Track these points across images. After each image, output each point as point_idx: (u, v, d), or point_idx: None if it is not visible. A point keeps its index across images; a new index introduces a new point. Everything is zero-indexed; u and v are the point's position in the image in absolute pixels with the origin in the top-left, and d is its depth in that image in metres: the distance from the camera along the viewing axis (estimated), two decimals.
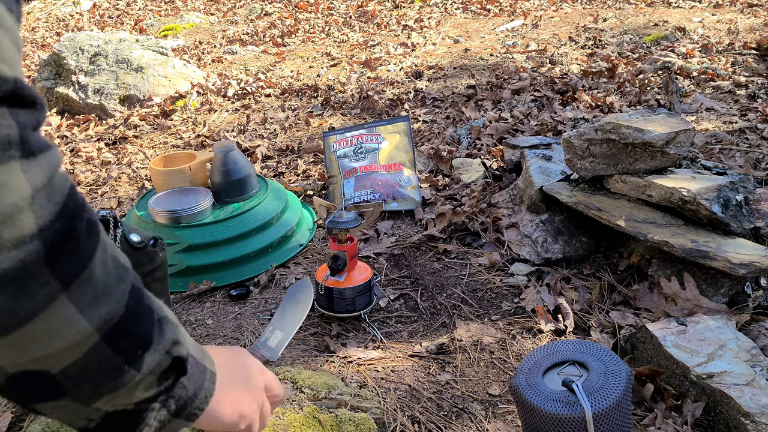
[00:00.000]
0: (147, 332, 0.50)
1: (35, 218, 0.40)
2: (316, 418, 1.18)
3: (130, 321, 0.48)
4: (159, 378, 0.52)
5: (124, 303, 0.47)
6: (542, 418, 1.01)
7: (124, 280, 0.48)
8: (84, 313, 0.44)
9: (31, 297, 0.40)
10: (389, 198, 2.31)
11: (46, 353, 0.43)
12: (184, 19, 7.10)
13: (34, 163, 0.41)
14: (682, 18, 5.09)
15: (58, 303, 0.42)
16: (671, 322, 1.43)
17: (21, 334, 0.41)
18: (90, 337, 0.45)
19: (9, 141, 0.39)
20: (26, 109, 0.41)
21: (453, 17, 6.24)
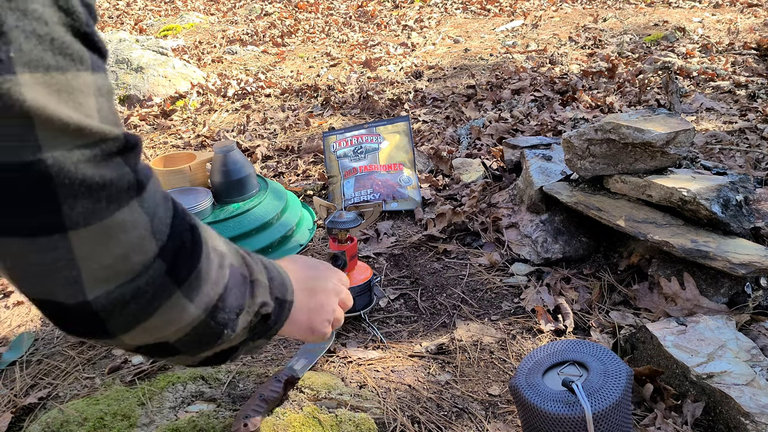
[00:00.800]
0: (241, 302, 0.62)
1: (155, 241, 0.51)
2: (316, 418, 1.18)
3: (228, 296, 0.60)
4: (250, 329, 0.66)
5: (223, 285, 0.59)
6: (542, 418, 1.01)
7: (223, 265, 0.60)
8: (194, 301, 0.55)
9: (156, 300, 0.52)
10: (389, 198, 2.31)
11: (166, 334, 0.56)
12: (184, 19, 7.10)
13: (146, 195, 0.51)
14: (682, 18, 5.09)
15: (174, 299, 0.53)
16: (671, 322, 1.43)
17: (146, 326, 0.53)
18: (198, 317, 0.57)
19: (129, 185, 0.49)
20: (132, 152, 0.50)
21: (453, 17, 6.24)
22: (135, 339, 0.54)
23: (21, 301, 1.88)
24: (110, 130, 0.47)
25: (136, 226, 0.49)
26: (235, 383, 1.33)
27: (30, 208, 0.44)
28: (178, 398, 1.26)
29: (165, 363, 0.66)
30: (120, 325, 0.52)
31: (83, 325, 0.51)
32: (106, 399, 1.26)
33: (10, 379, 1.50)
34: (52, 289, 0.48)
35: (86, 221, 0.46)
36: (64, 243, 0.45)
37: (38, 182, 0.43)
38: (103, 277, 0.48)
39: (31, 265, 0.46)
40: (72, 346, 1.61)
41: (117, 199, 0.47)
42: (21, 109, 0.41)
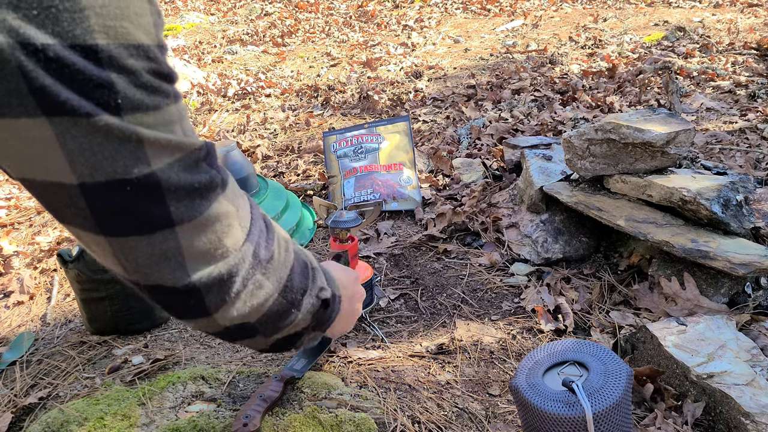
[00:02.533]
0: (305, 284, 0.73)
1: (242, 228, 0.63)
2: (316, 418, 1.18)
3: (294, 277, 0.71)
4: (312, 314, 0.76)
5: (290, 266, 0.70)
6: (542, 418, 1.01)
7: (289, 249, 0.72)
8: (270, 279, 0.66)
9: (246, 278, 0.63)
10: (389, 198, 2.31)
11: (249, 313, 0.66)
12: (184, 19, 7.10)
13: (228, 189, 0.62)
14: (682, 18, 5.09)
15: (257, 277, 0.65)
16: (671, 322, 1.43)
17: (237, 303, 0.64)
18: (273, 295, 0.67)
19: (216, 184, 0.60)
20: (212, 157, 0.60)
21: (453, 17, 6.24)
22: (227, 317, 0.64)
23: (21, 301, 1.88)
24: (196, 142, 0.58)
25: (226, 216, 0.60)
26: (235, 383, 1.33)
27: (146, 210, 0.55)
28: (178, 398, 1.26)
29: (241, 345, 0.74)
30: (217, 302, 0.62)
31: (187, 304, 0.61)
32: (106, 399, 1.26)
33: (10, 379, 1.50)
34: (162, 275, 0.58)
35: (189, 216, 0.57)
36: (173, 235, 0.56)
37: (151, 189, 0.54)
38: (204, 260, 0.59)
39: (146, 257, 0.57)
40: (72, 346, 1.61)
41: (209, 197, 0.58)
42: (135, 137, 0.52)
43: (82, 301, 1.61)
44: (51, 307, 1.85)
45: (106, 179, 0.52)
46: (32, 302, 1.89)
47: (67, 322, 1.76)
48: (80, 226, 0.55)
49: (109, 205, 0.53)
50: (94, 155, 0.50)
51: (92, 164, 0.51)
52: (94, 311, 1.61)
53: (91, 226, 0.55)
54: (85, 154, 0.50)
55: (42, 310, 1.83)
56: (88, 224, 0.55)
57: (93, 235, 0.56)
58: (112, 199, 0.53)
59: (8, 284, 1.97)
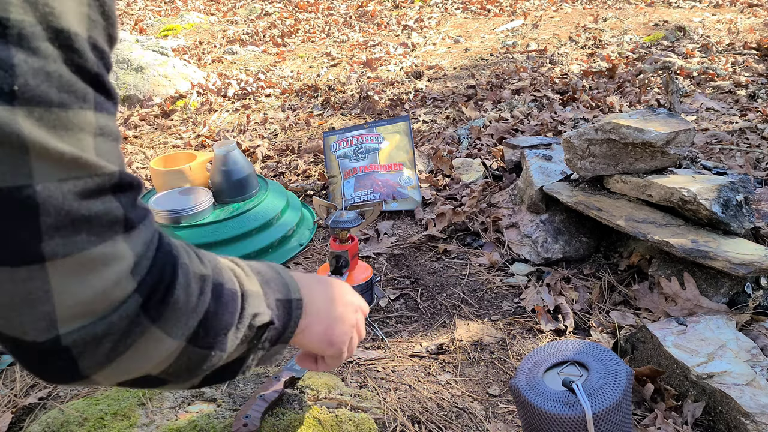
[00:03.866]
0: (227, 321, 0.59)
1: (134, 279, 0.50)
2: (316, 418, 1.18)
3: (210, 320, 0.57)
4: (247, 343, 0.63)
5: (204, 310, 0.56)
6: (542, 418, 1.01)
7: (204, 291, 0.57)
8: (171, 334, 0.53)
9: (130, 336, 0.50)
10: (389, 198, 2.31)
11: (146, 368, 0.54)
12: (184, 19, 7.10)
13: (134, 233, 0.50)
14: (682, 18, 5.09)
15: (149, 334, 0.51)
16: (671, 322, 1.43)
17: (121, 363, 0.51)
18: (178, 348, 0.54)
19: (116, 221, 0.48)
20: (127, 192, 0.50)
21: (453, 17, 6.24)
22: (111, 377, 0.52)
23: None
24: (105, 165, 0.47)
25: (117, 261, 0.48)
26: (235, 383, 1.33)
27: (11, 236, 0.43)
28: (178, 398, 1.26)
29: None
30: (93, 364, 0.50)
31: (54, 364, 0.49)
32: (106, 399, 1.26)
33: (10, 379, 1.50)
34: (23, 325, 0.46)
35: (65, 252, 0.45)
36: (42, 274, 0.45)
37: (23, 209, 0.43)
38: (78, 313, 0.47)
39: (7, 297, 0.45)
40: None
41: (99, 233, 0.47)
42: (18, 139, 0.42)
43: None
44: None
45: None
46: None
47: None
48: None
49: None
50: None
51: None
52: None
53: None
54: None
55: None
56: None
57: None
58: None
59: None
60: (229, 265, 0.64)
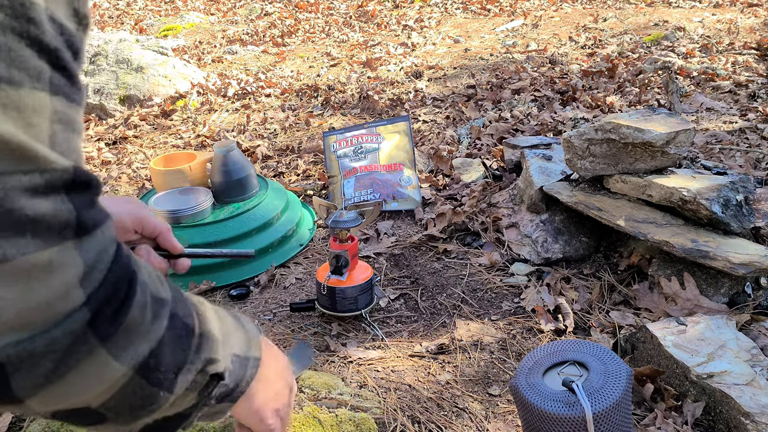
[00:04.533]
0: (180, 359, 0.53)
1: (83, 290, 0.44)
2: (316, 418, 1.18)
3: (164, 352, 0.51)
4: (198, 392, 0.57)
5: (158, 338, 0.50)
6: (542, 418, 1.01)
7: (159, 316, 0.51)
8: (119, 358, 0.47)
9: (73, 355, 0.44)
10: (389, 198, 2.31)
11: (86, 397, 0.48)
12: (184, 19, 7.10)
13: (87, 239, 0.44)
14: (682, 18, 5.09)
15: (95, 355, 0.45)
16: (671, 322, 1.43)
17: (60, 386, 0.45)
18: (124, 376, 0.48)
19: (66, 224, 0.42)
20: (82, 192, 0.44)
21: (453, 17, 6.24)
22: (47, 403, 0.46)
23: None
24: (57, 159, 0.42)
25: (63, 270, 0.42)
26: None
27: None
28: None
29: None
30: (29, 385, 0.44)
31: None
32: None
33: None
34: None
35: (3, 256, 0.39)
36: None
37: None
38: (15, 325, 0.41)
39: None
40: None
41: (46, 237, 0.41)
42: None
43: None
44: None
45: None
46: None
47: None
48: None
49: None
50: None
51: None
52: None
53: None
54: None
55: None
56: None
57: None
58: None
59: None
60: (193, 300, 0.58)
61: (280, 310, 1.77)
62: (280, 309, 1.77)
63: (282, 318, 1.72)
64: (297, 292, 1.87)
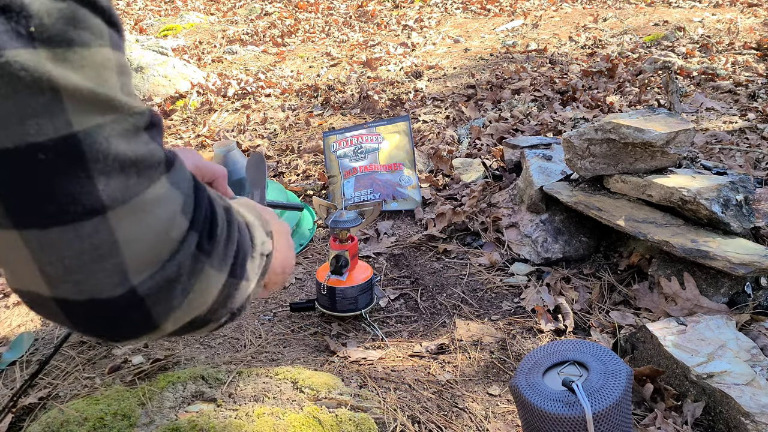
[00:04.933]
0: (245, 250, 0.60)
1: (185, 217, 0.50)
2: (316, 418, 1.18)
3: (240, 251, 0.59)
4: (260, 274, 0.65)
5: (236, 242, 0.57)
6: (542, 418, 1.01)
7: (231, 222, 0.58)
8: (219, 267, 0.54)
9: (194, 275, 0.51)
10: (389, 198, 2.31)
11: (201, 309, 0.54)
12: (184, 19, 7.10)
13: (174, 172, 0.50)
14: (682, 18, 5.09)
15: (205, 271, 0.52)
16: (671, 322, 1.43)
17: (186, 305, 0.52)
18: (222, 281, 0.55)
19: (159, 160, 0.48)
20: (158, 130, 0.50)
21: (453, 17, 6.24)
22: (176, 322, 0.53)
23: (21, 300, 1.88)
24: (135, 104, 0.46)
25: (169, 201, 0.48)
26: (235, 383, 1.33)
27: (67, 189, 0.42)
28: (178, 398, 1.26)
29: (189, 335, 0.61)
30: (166, 310, 0.50)
31: (128, 319, 0.49)
32: (106, 399, 1.26)
33: (10, 379, 1.50)
34: (97, 282, 0.45)
35: (123, 198, 0.44)
36: (105, 225, 0.44)
37: (71, 160, 0.42)
38: (146, 260, 0.47)
39: (75, 256, 0.44)
40: (72, 345, 1.61)
41: (148, 175, 0.46)
42: (48, 83, 0.40)
43: None
44: None
45: (15, 144, 0.40)
46: None
47: None
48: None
49: (20, 180, 0.41)
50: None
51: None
52: None
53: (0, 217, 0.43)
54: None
55: None
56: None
57: (4, 232, 0.43)
58: (24, 172, 0.41)
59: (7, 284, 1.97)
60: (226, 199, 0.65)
61: (280, 310, 1.77)
62: (280, 309, 1.77)
63: (282, 318, 1.72)
64: (297, 292, 1.87)
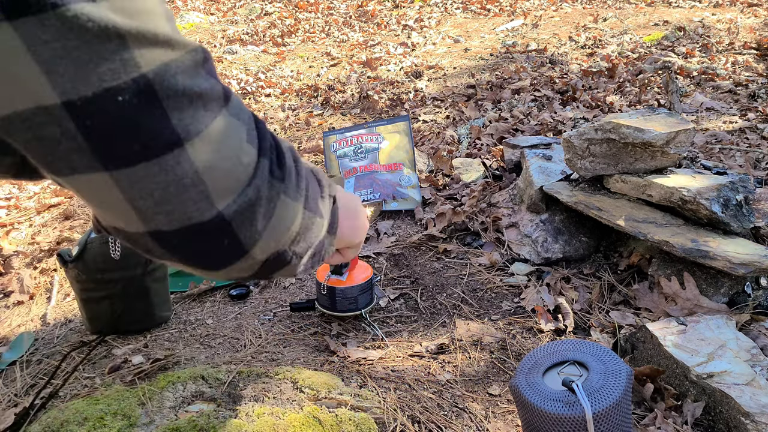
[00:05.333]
0: (315, 188, 0.63)
1: (252, 145, 0.53)
2: (316, 418, 1.18)
3: (310, 184, 0.61)
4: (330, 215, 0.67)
5: (304, 173, 0.60)
6: (542, 418, 1.01)
7: (297, 158, 0.60)
8: (293, 196, 0.57)
9: (272, 199, 0.54)
10: (389, 198, 2.31)
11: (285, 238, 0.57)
12: (184, 19, 7.10)
13: (231, 104, 0.52)
14: (682, 18, 5.09)
15: (282, 196, 0.55)
16: (671, 321, 1.43)
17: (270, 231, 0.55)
18: (299, 211, 0.58)
19: (219, 93, 0.51)
20: (212, 65, 0.52)
21: (453, 17, 6.24)
22: (264, 249, 0.55)
23: (21, 301, 1.88)
24: (189, 42, 0.49)
25: (234, 130, 0.51)
26: (235, 383, 1.33)
27: (147, 126, 0.45)
28: (178, 398, 1.26)
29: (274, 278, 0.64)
30: (252, 234, 0.53)
31: (221, 245, 0.52)
32: (106, 399, 1.26)
33: (10, 379, 1.50)
34: (186, 210, 0.49)
35: (196, 130, 0.48)
36: (185, 156, 0.47)
37: (146, 98, 0.45)
38: (226, 186, 0.50)
39: (163, 189, 0.48)
40: (72, 345, 1.61)
41: (212, 108, 0.49)
42: (114, 30, 0.43)
43: (82, 301, 1.61)
44: (51, 307, 1.85)
45: (93, 91, 0.43)
46: (32, 302, 1.89)
47: (67, 322, 1.76)
48: (77, 167, 0.46)
49: (103, 124, 0.44)
50: (73, 62, 0.42)
51: (73, 74, 0.43)
52: (94, 311, 1.61)
53: (89, 161, 0.46)
54: (63, 63, 0.42)
55: (42, 310, 1.83)
56: (85, 160, 0.45)
57: (95, 176, 0.47)
58: (105, 116, 0.44)
59: (8, 284, 1.97)
60: None
61: (280, 310, 1.77)
62: (280, 309, 1.77)
63: (282, 318, 1.73)
64: (297, 292, 1.87)
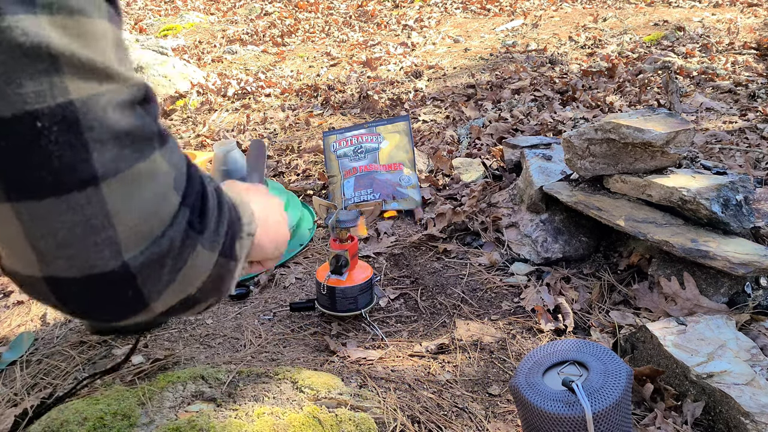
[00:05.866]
0: (235, 229, 0.60)
1: (177, 193, 0.49)
2: (316, 418, 1.18)
3: (230, 230, 0.58)
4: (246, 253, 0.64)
5: (226, 222, 0.57)
6: (542, 418, 1.01)
7: (221, 201, 0.57)
8: (210, 246, 0.54)
9: (185, 251, 0.50)
10: (389, 198, 2.31)
11: (192, 287, 0.54)
12: (184, 19, 7.10)
13: (167, 147, 0.49)
14: (682, 18, 5.09)
15: (198, 248, 0.52)
16: (671, 321, 1.43)
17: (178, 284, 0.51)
18: (212, 261, 0.55)
19: (153, 134, 0.47)
20: (153, 105, 0.49)
21: (453, 17, 6.24)
22: (166, 301, 0.52)
23: (21, 300, 1.88)
24: (131, 76, 0.46)
25: (161, 175, 0.48)
26: (235, 383, 1.33)
27: (61, 159, 0.41)
28: (178, 398, 1.26)
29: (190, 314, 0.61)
30: (157, 288, 0.49)
31: (121, 297, 0.48)
32: (106, 399, 1.26)
33: (10, 379, 1.50)
34: (89, 256, 0.44)
35: (116, 169, 0.44)
36: (98, 196, 0.43)
37: (68, 128, 0.41)
38: (138, 234, 0.46)
39: (68, 230, 0.43)
40: (72, 345, 1.61)
41: (141, 148, 0.46)
42: (47, 49, 0.40)
43: None
44: None
45: (13, 113, 0.40)
46: (32, 302, 1.89)
47: (67, 321, 1.76)
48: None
49: (16, 150, 0.40)
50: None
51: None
52: None
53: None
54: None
55: (42, 310, 1.83)
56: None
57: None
58: (20, 140, 0.40)
59: (8, 284, 1.97)
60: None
61: (280, 309, 1.77)
62: (280, 309, 1.77)
63: (282, 318, 1.73)
64: (297, 292, 1.87)
